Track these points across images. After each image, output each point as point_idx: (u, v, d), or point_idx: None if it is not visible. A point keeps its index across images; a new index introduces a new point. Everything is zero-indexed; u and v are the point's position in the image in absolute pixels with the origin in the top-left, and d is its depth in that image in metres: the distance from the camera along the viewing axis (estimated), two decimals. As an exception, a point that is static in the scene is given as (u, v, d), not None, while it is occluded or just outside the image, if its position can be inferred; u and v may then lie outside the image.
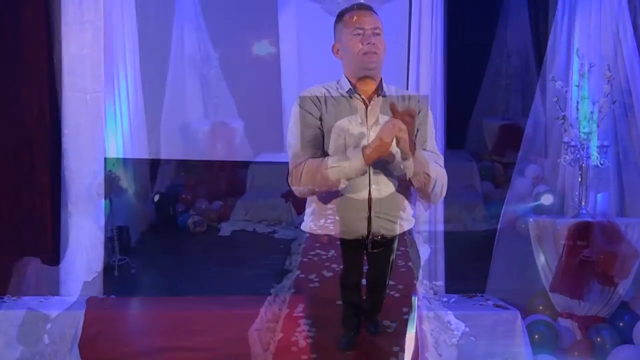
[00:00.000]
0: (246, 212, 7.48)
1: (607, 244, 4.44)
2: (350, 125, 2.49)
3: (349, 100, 2.56)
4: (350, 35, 2.59)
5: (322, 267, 5.80)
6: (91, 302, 5.12)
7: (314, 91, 2.69)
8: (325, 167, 2.44)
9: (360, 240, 2.70)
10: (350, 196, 2.60)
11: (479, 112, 8.91)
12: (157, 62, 8.06)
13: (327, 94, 2.65)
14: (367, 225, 2.60)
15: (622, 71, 5.46)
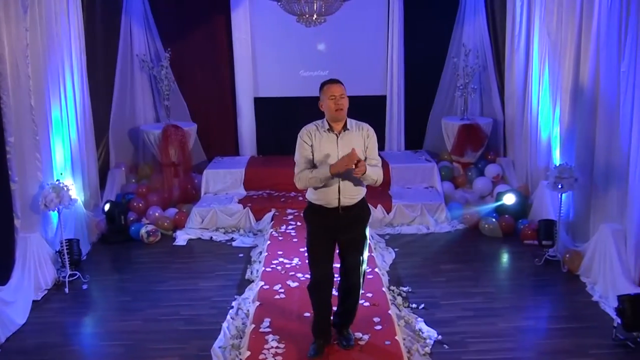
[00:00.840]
0: (202, 219, 7.16)
1: (473, 133, 8.07)
2: (328, 149, 4.06)
3: (328, 133, 4.09)
4: (328, 100, 4.03)
5: (286, 277, 5.61)
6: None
7: (308, 127, 4.14)
8: (311, 177, 4.04)
9: (335, 208, 4.08)
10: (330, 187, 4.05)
11: (437, 112, 8.85)
12: (104, 62, 7.70)
13: (316, 130, 4.11)
14: (338, 200, 4.07)
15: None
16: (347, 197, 4.05)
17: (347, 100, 4.02)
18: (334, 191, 4.03)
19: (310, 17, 5.93)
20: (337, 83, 4.04)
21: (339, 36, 8.45)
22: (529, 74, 7.28)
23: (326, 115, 4.07)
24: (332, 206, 4.05)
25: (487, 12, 8.23)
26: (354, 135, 4.05)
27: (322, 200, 4.07)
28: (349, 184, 4.03)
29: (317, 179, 3.96)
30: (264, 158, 8.70)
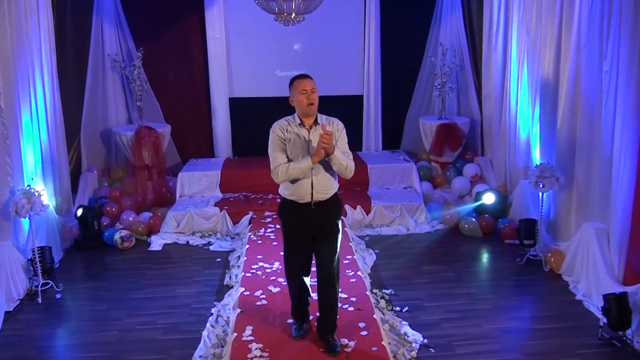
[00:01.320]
0: (178, 223, 6.97)
1: (450, 132, 8.02)
2: (300, 143, 4.13)
3: (299, 128, 4.15)
4: (299, 94, 4.08)
5: (267, 282, 5.46)
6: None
7: (280, 122, 4.20)
8: (292, 168, 4.07)
9: (308, 203, 4.15)
10: (303, 181, 4.13)
11: (415, 111, 8.82)
12: (75, 63, 7.43)
13: (288, 124, 4.17)
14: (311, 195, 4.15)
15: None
16: (320, 192, 4.14)
17: (317, 95, 4.09)
18: (307, 186, 4.11)
19: (289, 16, 5.78)
20: (307, 78, 4.11)
21: (315, 35, 8.34)
22: (507, 73, 7.26)
23: (297, 110, 4.15)
24: (305, 201, 4.14)
25: (464, 11, 8.20)
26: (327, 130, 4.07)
27: (295, 195, 4.15)
28: (322, 179, 4.14)
29: (299, 169, 4.02)
30: (240, 159, 8.53)
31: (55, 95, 6.55)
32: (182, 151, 8.55)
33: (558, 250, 5.89)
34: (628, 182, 4.76)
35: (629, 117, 4.70)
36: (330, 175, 4.17)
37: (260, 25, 8.18)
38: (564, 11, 5.71)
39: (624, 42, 4.71)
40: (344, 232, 6.53)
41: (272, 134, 4.16)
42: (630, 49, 4.62)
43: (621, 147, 4.85)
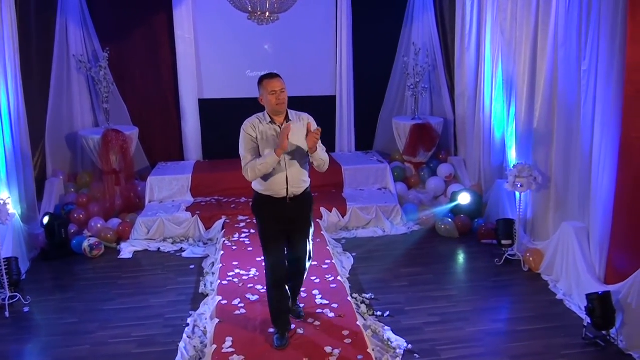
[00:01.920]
0: (148, 229, 6.73)
1: (424, 132, 7.99)
2: (272, 141, 4.13)
3: (271, 125, 4.18)
4: (268, 95, 4.11)
5: (245, 290, 5.28)
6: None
7: (251, 120, 4.23)
8: (259, 164, 4.08)
9: (283, 198, 4.20)
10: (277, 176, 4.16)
11: (387, 112, 8.75)
12: (39, 64, 7.10)
13: (259, 122, 4.19)
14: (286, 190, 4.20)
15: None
16: (294, 186, 4.20)
17: (286, 94, 4.14)
18: (282, 181, 4.15)
19: (263, 15, 5.61)
20: (276, 77, 4.13)
21: (286, 35, 8.19)
22: (480, 73, 7.24)
23: (267, 109, 4.18)
24: (281, 196, 4.19)
25: (436, 11, 8.17)
26: (296, 125, 4.15)
27: (270, 190, 4.19)
28: (296, 174, 4.20)
29: (266, 164, 4.04)
30: (211, 162, 8.31)
31: (18, 97, 6.24)
32: (150, 155, 8.28)
33: (537, 250, 5.88)
34: (609, 181, 4.76)
35: (609, 116, 4.70)
36: (303, 170, 4.26)
37: (231, 25, 8.00)
38: (540, 11, 5.70)
39: (604, 42, 4.71)
40: (321, 235, 6.43)
41: (243, 132, 4.20)
42: (610, 49, 4.61)
43: (601, 147, 4.85)
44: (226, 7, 7.46)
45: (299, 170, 4.20)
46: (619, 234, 4.74)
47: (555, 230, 5.74)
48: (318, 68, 8.44)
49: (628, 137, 4.49)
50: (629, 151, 4.49)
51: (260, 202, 4.27)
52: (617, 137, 4.63)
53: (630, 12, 4.34)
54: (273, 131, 4.13)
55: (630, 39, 4.36)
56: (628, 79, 4.43)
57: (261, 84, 4.17)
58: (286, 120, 4.18)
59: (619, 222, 4.73)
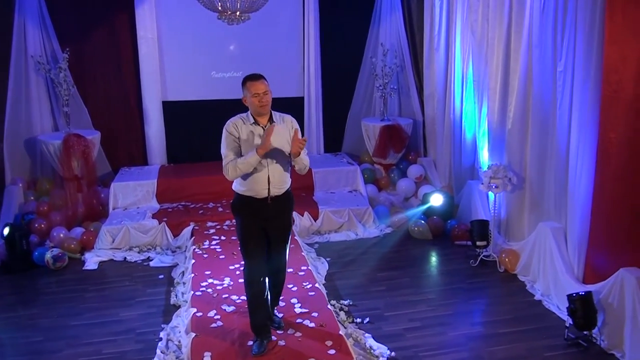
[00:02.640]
0: (113, 238, 6.44)
1: (394, 133, 7.91)
2: (256, 142, 4.07)
3: (254, 126, 4.13)
4: (252, 97, 4.06)
5: (220, 301, 5.08)
6: None
7: (234, 120, 4.16)
8: (240, 163, 4.02)
9: (265, 198, 4.14)
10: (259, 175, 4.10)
11: (355, 113, 8.66)
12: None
13: (242, 123, 4.13)
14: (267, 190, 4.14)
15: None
16: (276, 187, 4.16)
17: (270, 95, 4.11)
18: (264, 182, 4.11)
19: (233, 14, 5.41)
20: (260, 79, 4.08)
21: (252, 35, 7.99)
22: (450, 73, 7.22)
23: (251, 110, 4.15)
24: (262, 196, 4.14)
25: (404, 11, 8.12)
26: (279, 127, 4.11)
27: (251, 191, 4.13)
28: (278, 175, 4.15)
29: (247, 164, 4.00)
30: (176, 167, 8.04)
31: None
32: (112, 159, 7.94)
33: (512, 251, 5.87)
34: (587, 182, 4.78)
35: (586, 117, 4.71)
36: (285, 171, 4.21)
37: (195, 25, 7.78)
38: (513, 12, 5.70)
39: (580, 42, 4.72)
40: (294, 240, 6.28)
41: (225, 131, 4.14)
42: (587, 50, 4.62)
43: (578, 147, 4.86)
44: (190, 6, 7.24)
45: (280, 171, 4.15)
46: (597, 233, 4.76)
47: (531, 231, 5.75)
48: (285, 69, 8.28)
49: (606, 137, 4.50)
50: (607, 151, 4.50)
51: (240, 203, 4.21)
52: (595, 137, 4.64)
53: (608, 13, 4.34)
54: (256, 132, 4.08)
55: (608, 39, 4.37)
56: (605, 79, 4.44)
57: (244, 85, 4.12)
58: (270, 121, 4.14)
59: (597, 222, 4.74)
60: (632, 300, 4.18)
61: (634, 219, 4.31)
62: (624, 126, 4.30)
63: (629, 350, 4.22)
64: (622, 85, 4.26)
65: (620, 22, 4.23)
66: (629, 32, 4.14)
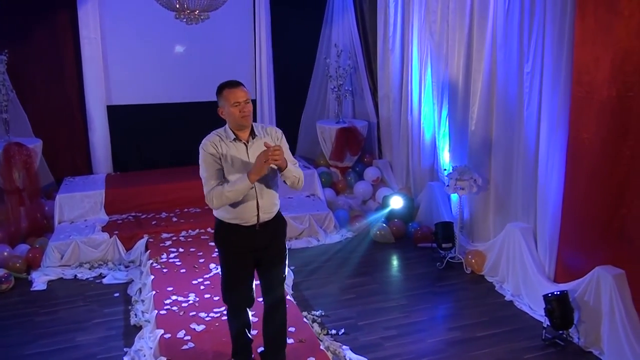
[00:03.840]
0: (61, 255, 5.97)
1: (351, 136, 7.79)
2: (239, 161, 3.61)
3: (236, 143, 3.64)
4: (231, 107, 3.57)
5: (188, 320, 4.76)
6: None
7: (211, 139, 3.65)
8: (228, 191, 3.52)
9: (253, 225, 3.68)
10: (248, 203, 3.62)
11: (309, 115, 8.49)
12: None
13: (220, 140, 3.64)
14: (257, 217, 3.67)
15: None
16: (265, 212, 3.69)
17: (251, 105, 3.65)
18: (253, 207, 3.63)
19: (192, 13, 5.11)
20: (239, 86, 3.61)
21: (201, 36, 7.65)
22: (407, 74, 7.16)
23: (229, 123, 3.64)
24: (250, 223, 3.67)
25: (356, 11, 8.00)
26: (263, 141, 3.56)
27: (239, 218, 3.64)
28: (267, 197, 3.67)
29: (237, 192, 3.49)
30: (123, 175, 7.60)
31: None
32: (54, 169, 7.42)
33: (478, 252, 5.87)
34: (557, 182, 4.81)
35: (556, 118, 4.74)
36: (274, 192, 3.73)
37: (141, 24, 7.41)
38: (475, 13, 5.69)
39: (549, 44, 4.75)
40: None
41: (203, 152, 3.60)
42: (557, 52, 4.65)
43: (548, 148, 4.89)
44: (136, 5, 6.86)
45: (270, 194, 3.67)
46: (568, 233, 4.80)
47: (497, 232, 5.77)
48: (236, 70, 7.94)
49: (578, 137, 4.52)
50: (579, 151, 4.53)
51: (225, 232, 3.71)
52: (565, 138, 4.67)
53: (579, 15, 4.36)
54: (240, 150, 3.60)
55: (579, 41, 4.39)
56: (577, 80, 4.46)
57: (221, 93, 3.61)
58: (252, 135, 3.65)
59: (568, 222, 4.78)
60: (610, 298, 4.22)
61: (607, 217, 4.36)
62: (596, 126, 4.33)
63: (607, 347, 4.27)
64: (595, 87, 4.29)
65: (592, 24, 4.25)
66: (602, 34, 4.17)
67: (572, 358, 4.38)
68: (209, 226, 6.63)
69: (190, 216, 6.86)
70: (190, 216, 6.86)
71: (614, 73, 4.10)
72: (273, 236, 3.78)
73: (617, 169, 4.22)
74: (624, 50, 4.01)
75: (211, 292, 5.12)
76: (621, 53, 4.03)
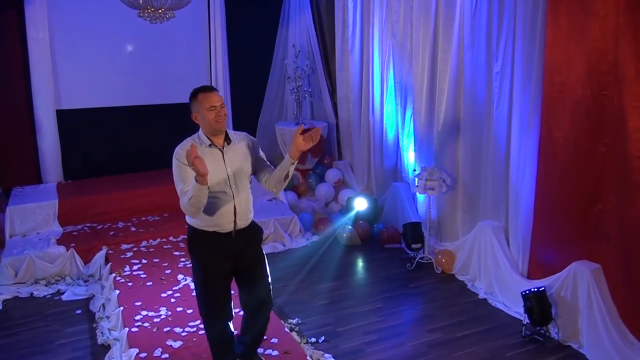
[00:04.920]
0: (15, 271, 5.57)
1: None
2: (216, 167, 3.47)
3: (211, 149, 3.55)
4: (207, 111, 3.49)
5: (163, 336, 4.51)
6: None
7: (184, 146, 3.53)
8: (189, 200, 3.35)
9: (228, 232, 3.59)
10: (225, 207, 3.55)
11: (267, 117, 8.33)
12: None
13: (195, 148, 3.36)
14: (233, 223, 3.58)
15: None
16: (242, 218, 3.63)
17: (226, 110, 3.61)
18: (230, 213, 3.56)
19: (157, 11, 4.85)
20: (214, 91, 3.57)
21: (153, 36, 7.37)
22: (368, 75, 7.10)
23: (204, 128, 3.57)
24: (227, 230, 3.59)
25: (313, 11, 7.89)
26: (238, 147, 3.63)
27: (216, 225, 3.56)
28: (244, 203, 3.62)
29: (196, 198, 3.31)
30: (75, 183, 7.19)
31: None
32: (1, 179, 6.93)
33: (447, 251, 5.90)
34: (530, 179, 4.88)
35: (528, 118, 4.79)
36: (249, 197, 3.68)
37: (92, 24, 7.07)
38: (440, 14, 5.69)
39: (520, 45, 4.80)
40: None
41: (177, 162, 3.50)
42: (528, 52, 4.71)
43: (519, 148, 4.94)
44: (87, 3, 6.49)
45: (246, 199, 3.63)
46: (542, 230, 4.88)
47: (466, 231, 5.82)
48: (191, 72, 7.73)
49: (551, 136, 4.59)
50: (552, 149, 4.60)
51: (199, 241, 3.60)
52: (537, 136, 4.72)
53: (551, 16, 4.42)
54: (214, 155, 3.51)
55: (551, 42, 4.45)
56: (549, 80, 4.52)
57: (195, 98, 3.53)
58: (226, 141, 3.58)
59: (541, 219, 4.85)
60: (587, 292, 4.31)
61: (582, 213, 4.45)
62: (570, 125, 4.40)
63: (586, 340, 4.36)
64: (568, 86, 4.36)
65: (565, 25, 4.31)
66: (576, 34, 4.24)
67: (552, 353, 4.44)
68: (171, 235, 6.39)
69: (149, 225, 6.56)
70: (149, 225, 6.56)
71: (589, 72, 4.18)
72: (249, 243, 3.70)
73: (592, 166, 4.31)
74: (599, 51, 4.08)
75: (183, 304, 4.90)
76: (596, 53, 4.10)
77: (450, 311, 5.13)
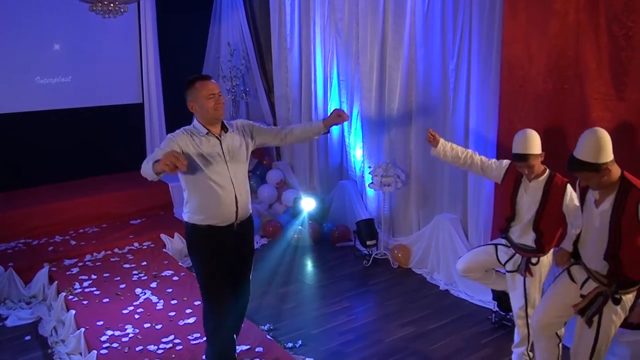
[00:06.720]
0: (-52, 298, 5.04)
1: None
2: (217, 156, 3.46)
3: (208, 137, 3.49)
4: (205, 99, 3.43)
5: (135, 356, 4.25)
6: None
7: (177, 135, 3.44)
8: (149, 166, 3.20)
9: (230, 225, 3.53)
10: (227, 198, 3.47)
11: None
12: None
13: (190, 137, 3.45)
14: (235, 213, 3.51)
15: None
16: (243, 208, 3.58)
17: (224, 98, 3.63)
18: (231, 203, 3.48)
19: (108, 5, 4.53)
20: (210, 79, 3.56)
21: (81, 33, 6.92)
22: (309, 74, 7.06)
23: (200, 117, 3.50)
24: (228, 223, 3.52)
25: (246, 9, 7.71)
26: (235, 135, 3.61)
27: (216, 218, 3.48)
28: (244, 192, 3.58)
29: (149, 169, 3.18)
30: (5, 196, 6.58)
31: None
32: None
33: (403, 246, 6.01)
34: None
35: (486, 112, 4.96)
36: (249, 189, 3.67)
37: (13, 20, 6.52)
38: (389, 12, 5.76)
39: (476, 42, 4.96)
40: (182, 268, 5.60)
41: (172, 137, 3.43)
42: (486, 49, 4.89)
43: (477, 142, 5.10)
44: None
45: (246, 188, 3.60)
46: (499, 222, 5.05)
47: (420, 225, 5.96)
48: (121, 72, 7.32)
49: (511, 129, 4.74)
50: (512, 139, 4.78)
51: (201, 237, 3.53)
52: (496, 128, 4.90)
53: (509, 14, 4.60)
54: (212, 144, 3.46)
55: (509, 39, 4.63)
56: (507, 76, 4.70)
57: (193, 86, 3.46)
58: (223, 129, 3.54)
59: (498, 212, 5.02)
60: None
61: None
62: (533, 117, 4.59)
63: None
64: (529, 81, 4.55)
65: (524, 22, 4.50)
66: (535, 31, 4.43)
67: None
68: (115, 246, 6.03)
69: (89, 237, 6.17)
70: (89, 237, 6.17)
71: (550, 68, 4.38)
72: (246, 234, 3.71)
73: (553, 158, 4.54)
74: (559, 47, 4.29)
75: (149, 320, 4.63)
76: (557, 49, 4.31)
77: (417, 305, 5.23)
